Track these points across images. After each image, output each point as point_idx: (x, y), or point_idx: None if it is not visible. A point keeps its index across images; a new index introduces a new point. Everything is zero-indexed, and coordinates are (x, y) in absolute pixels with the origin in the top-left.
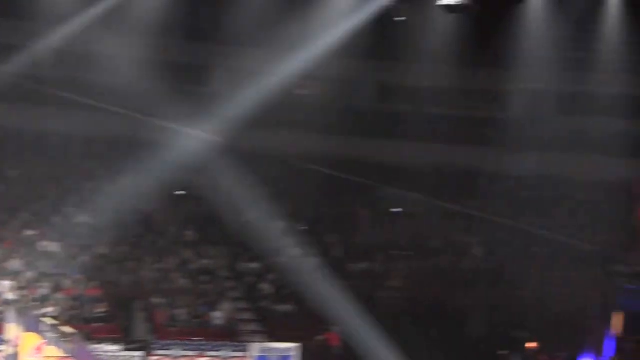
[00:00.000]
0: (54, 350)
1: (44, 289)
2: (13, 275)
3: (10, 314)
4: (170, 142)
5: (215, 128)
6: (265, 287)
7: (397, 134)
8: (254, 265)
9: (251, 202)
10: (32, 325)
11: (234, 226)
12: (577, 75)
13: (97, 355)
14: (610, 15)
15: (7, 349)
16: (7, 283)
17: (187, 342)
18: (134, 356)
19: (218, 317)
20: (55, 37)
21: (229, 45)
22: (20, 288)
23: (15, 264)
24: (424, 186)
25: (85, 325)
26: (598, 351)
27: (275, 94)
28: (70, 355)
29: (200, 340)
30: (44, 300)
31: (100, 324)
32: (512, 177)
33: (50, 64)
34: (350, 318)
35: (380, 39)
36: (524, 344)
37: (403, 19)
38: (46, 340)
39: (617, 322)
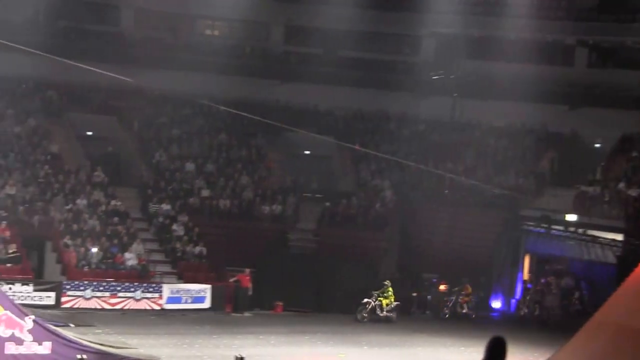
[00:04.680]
0: None
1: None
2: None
3: None
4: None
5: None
6: (177, 229)
7: (307, 77)
8: (166, 207)
9: (162, 144)
10: None
11: (144, 167)
12: (487, 19)
13: (8, 295)
14: None
15: None
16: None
17: (99, 283)
18: (45, 297)
19: (130, 258)
20: None
21: None
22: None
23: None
24: (334, 129)
25: None
26: (507, 293)
27: (185, 35)
28: None
29: (112, 281)
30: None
31: (11, 265)
32: (422, 121)
33: None
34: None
35: None
36: (435, 285)
37: None
38: None
39: (524, 266)
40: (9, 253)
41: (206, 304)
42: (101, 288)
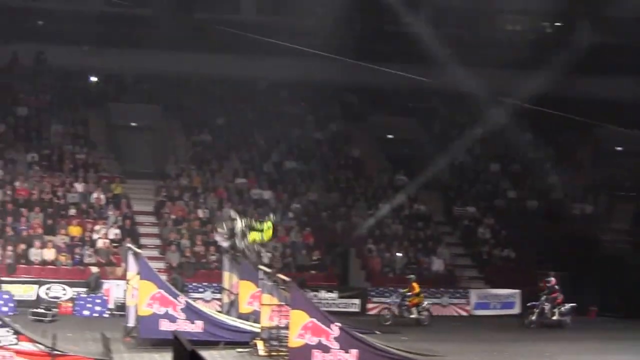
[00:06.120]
0: (269, 298)
1: (257, 237)
2: (227, 223)
3: (226, 262)
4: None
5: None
6: (483, 232)
7: (617, 69)
8: (470, 209)
9: (465, 144)
10: (248, 274)
11: (446, 169)
12: None
13: (314, 302)
14: None
15: (225, 297)
16: (222, 231)
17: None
18: (350, 304)
19: (435, 263)
20: None
21: None
22: (235, 236)
23: (228, 212)
24: None
25: (300, 272)
26: None
27: (485, 31)
28: (286, 303)
29: None
30: (258, 248)
31: (315, 272)
32: None
33: (254, 9)
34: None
35: None
36: None
37: None
38: (262, 288)
39: None
40: (313, 260)
41: (516, 310)
42: None
